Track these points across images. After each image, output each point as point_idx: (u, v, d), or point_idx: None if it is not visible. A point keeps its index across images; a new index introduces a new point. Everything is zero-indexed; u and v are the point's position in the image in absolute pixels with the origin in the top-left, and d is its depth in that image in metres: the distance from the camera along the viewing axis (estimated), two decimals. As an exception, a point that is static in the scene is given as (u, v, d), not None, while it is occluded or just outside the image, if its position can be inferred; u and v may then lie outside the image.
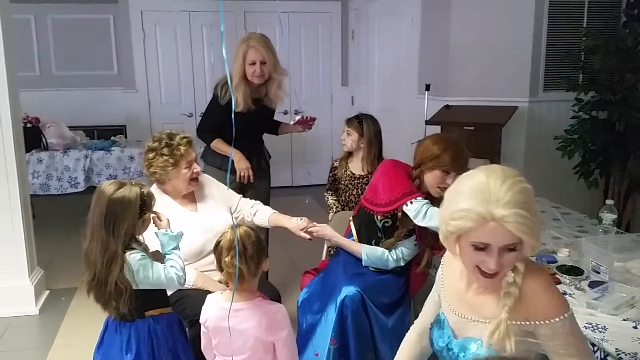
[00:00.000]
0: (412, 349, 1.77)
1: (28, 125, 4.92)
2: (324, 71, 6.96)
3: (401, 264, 2.56)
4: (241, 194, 2.91)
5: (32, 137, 4.95)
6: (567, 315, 1.35)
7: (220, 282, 2.32)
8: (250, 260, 1.85)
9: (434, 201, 2.42)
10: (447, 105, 4.50)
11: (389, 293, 2.51)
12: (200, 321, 1.99)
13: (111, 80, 6.48)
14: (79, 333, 3.29)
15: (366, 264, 2.57)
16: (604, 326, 1.81)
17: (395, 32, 5.69)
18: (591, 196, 4.19)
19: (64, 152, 5.14)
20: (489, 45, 4.51)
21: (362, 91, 6.60)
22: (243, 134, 3.17)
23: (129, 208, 1.89)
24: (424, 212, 2.38)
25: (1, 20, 3.33)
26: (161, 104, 6.56)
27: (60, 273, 4.08)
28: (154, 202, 2.02)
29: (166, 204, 2.48)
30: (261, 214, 2.77)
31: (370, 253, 2.56)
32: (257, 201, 2.85)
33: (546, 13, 4.42)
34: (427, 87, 4.44)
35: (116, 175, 5.15)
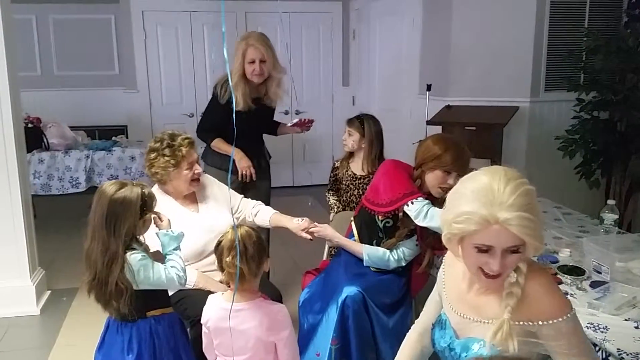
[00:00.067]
0: (413, 349, 1.77)
1: (29, 125, 4.93)
2: (325, 71, 6.96)
3: (402, 264, 2.56)
4: (242, 194, 2.91)
5: (34, 137, 4.95)
6: (570, 315, 1.35)
7: (221, 283, 2.32)
8: (251, 260, 1.85)
9: (435, 201, 2.42)
10: (448, 105, 4.50)
11: (390, 293, 2.51)
12: (201, 322, 1.99)
13: (112, 80, 6.48)
14: (80, 333, 3.29)
15: (367, 264, 2.57)
16: (606, 326, 1.81)
17: (396, 32, 5.68)
18: (592, 196, 4.19)
19: (65, 152, 5.15)
20: (490, 45, 4.51)
21: (363, 91, 6.59)
22: (243, 133, 3.16)
23: (130, 208, 1.89)
24: (425, 213, 2.37)
25: (2, 20, 3.33)
26: (162, 104, 6.57)
27: (61, 273, 4.09)
28: (155, 203, 2.02)
29: (167, 204, 2.48)
30: (262, 215, 2.77)
31: (371, 253, 2.56)
32: (259, 201, 2.86)
33: (547, 13, 4.42)
34: (428, 87, 4.44)
35: (117, 175, 5.15)
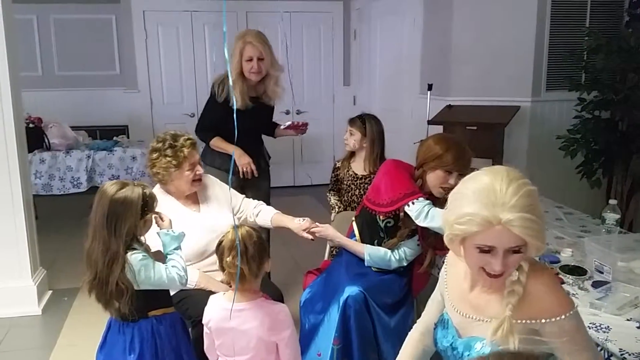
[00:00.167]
0: (415, 348, 1.77)
1: (30, 125, 4.92)
2: (326, 71, 6.95)
3: (404, 264, 2.56)
4: (243, 194, 2.91)
5: (35, 138, 4.95)
6: (573, 312, 1.36)
7: (222, 283, 2.32)
8: (251, 260, 1.85)
9: (437, 201, 2.42)
10: (450, 105, 4.49)
11: (392, 293, 2.51)
12: (203, 322, 1.99)
13: (113, 80, 6.48)
14: (82, 333, 3.29)
15: (369, 264, 2.57)
16: (608, 326, 1.80)
17: (397, 32, 5.68)
18: (594, 196, 4.18)
19: (67, 153, 5.15)
20: (491, 45, 4.50)
21: (364, 91, 6.59)
22: (241, 132, 3.14)
23: (131, 208, 1.89)
24: (426, 213, 2.37)
25: (4, 20, 3.33)
26: (163, 104, 6.57)
27: (62, 273, 4.09)
28: (156, 203, 2.02)
29: (169, 204, 2.48)
30: (264, 215, 2.76)
31: (372, 253, 2.56)
32: (260, 201, 2.85)
33: (549, 12, 4.41)
34: (430, 87, 4.43)
35: (118, 175, 5.15)
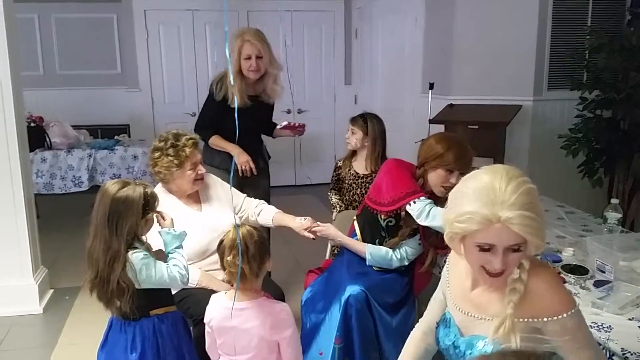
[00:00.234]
0: (417, 347, 1.78)
1: (32, 124, 4.93)
2: (327, 70, 6.95)
3: (405, 263, 2.56)
4: (244, 194, 2.90)
5: (36, 137, 4.96)
6: (575, 310, 1.36)
7: (223, 282, 2.32)
8: (252, 259, 1.85)
9: (438, 200, 2.41)
10: (451, 104, 4.50)
11: (393, 292, 2.51)
12: (204, 321, 1.99)
13: (114, 79, 6.48)
14: (83, 332, 3.29)
15: (370, 264, 2.56)
16: (610, 325, 1.80)
17: (398, 31, 5.68)
18: (595, 195, 4.18)
19: (68, 152, 5.15)
20: (493, 43, 4.50)
21: (366, 90, 6.59)
22: (241, 131, 3.13)
23: (132, 207, 1.89)
24: (427, 212, 2.37)
25: (5, 19, 3.33)
26: (164, 103, 6.57)
27: (64, 272, 4.09)
28: (158, 203, 2.02)
29: (171, 203, 2.48)
30: (265, 214, 2.76)
31: (374, 252, 2.56)
32: (262, 201, 2.85)
33: (550, 11, 4.41)
34: (431, 86, 4.43)
35: (120, 174, 5.15)
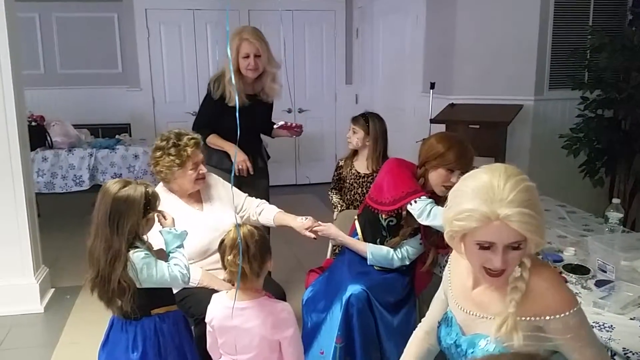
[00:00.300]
0: (420, 347, 1.78)
1: (33, 123, 4.93)
2: (328, 69, 6.95)
3: (406, 263, 2.55)
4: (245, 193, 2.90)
5: (37, 136, 4.96)
6: (577, 308, 1.37)
7: (224, 281, 2.32)
8: (253, 259, 1.85)
9: (439, 200, 2.41)
10: (452, 103, 4.49)
11: (394, 292, 2.51)
12: (205, 320, 1.99)
13: (115, 78, 6.48)
14: (84, 331, 3.29)
15: (371, 263, 2.56)
16: (611, 325, 1.80)
17: (399, 30, 5.67)
18: (596, 195, 4.18)
19: (69, 151, 5.16)
20: (494, 43, 4.49)
21: (367, 89, 6.59)
22: (239, 130, 3.12)
23: (133, 207, 1.89)
24: (428, 212, 2.37)
25: (6, 18, 3.33)
26: (165, 102, 6.57)
27: (65, 271, 4.09)
28: (159, 202, 2.02)
29: (172, 203, 2.48)
30: (266, 213, 2.76)
31: (375, 252, 2.55)
32: (263, 200, 2.85)
33: (552, 11, 4.40)
34: (432, 86, 4.43)
35: (121, 173, 5.15)
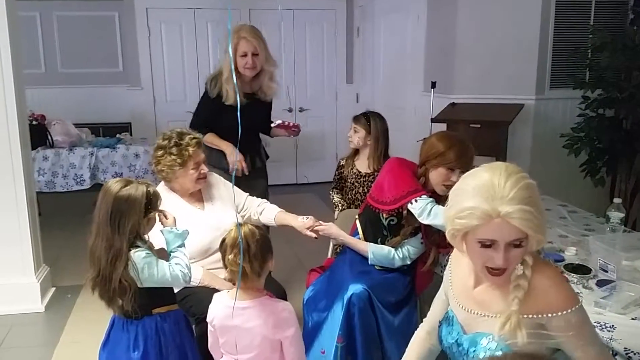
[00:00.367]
0: (421, 347, 1.78)
1: (34, 122, 4.93)
2: (329, 69, 6.94)
3: (407, 263, 2.55)
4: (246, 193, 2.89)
5: (38, 135, 4.97)
6: (579, 306, 1.37)
7: (225, 280, 2.32)
8: (254, 258, 1.85)
9: (440, 199, 2.41)
10: (453, 102, 4.49)
11: (395, 291, 2.50)
12: (207, 320, 1.99)
13: (116, 77, 6.47)
14: (85, 330, 3.29)
15: (372, 263, 2.56)
16: (612, 325, 1.80)
17: (400, 30, 5.67)
18: (598, 194, 4.17)
19: (70, 150, 5.16)
20: (495, 42, 4.49)
21: (367, 89, 6.58)
22: (236, 129, 3.11)
23: (135, 206, 1.89)
24: (429, 211, 2.37)
25: (7, 17, 3.33)
26: (166, 102, 6.57)
27: (66, 270, 4.09)
28: (160, 202, 2.02)
29: (173, 202, 2.48)
30: (267, 213, 2.76)
31: (376, 251, 2.55)
32: (264, 200, 2.85)
33: (553, 10, 4.40)
34: (433, 85, 4.43)
35: (122, 172, 5.15)
